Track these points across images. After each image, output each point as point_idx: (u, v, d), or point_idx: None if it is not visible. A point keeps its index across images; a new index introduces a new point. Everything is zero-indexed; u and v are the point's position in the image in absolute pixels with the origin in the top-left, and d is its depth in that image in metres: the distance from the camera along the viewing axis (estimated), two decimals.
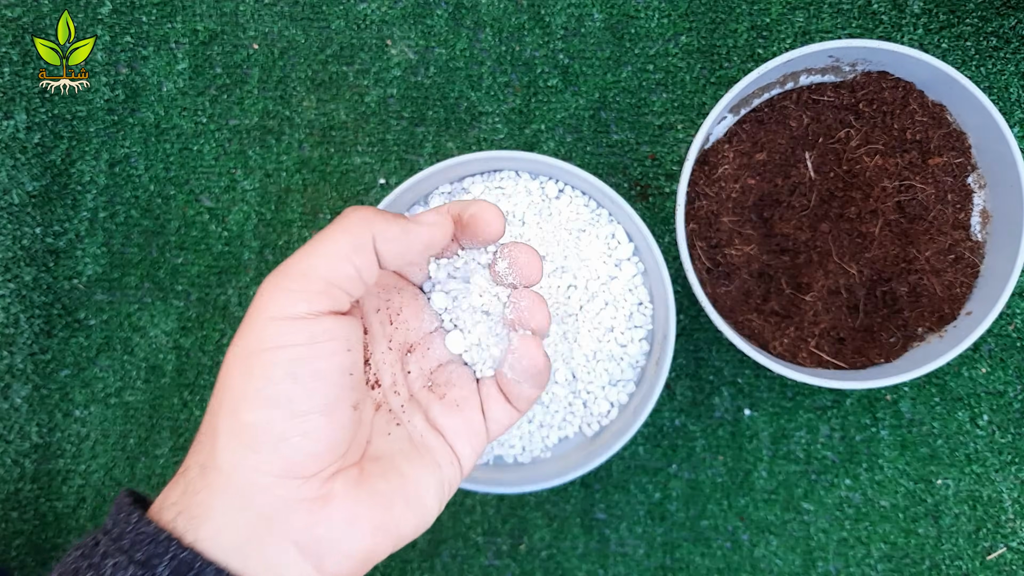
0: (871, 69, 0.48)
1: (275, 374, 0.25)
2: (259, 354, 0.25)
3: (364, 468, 0.28)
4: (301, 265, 0.26)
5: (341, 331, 0.26)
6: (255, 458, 0.25)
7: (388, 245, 0.27)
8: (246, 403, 0.25)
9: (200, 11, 0.54)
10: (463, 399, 0.32)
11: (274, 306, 0.25)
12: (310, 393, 0.25)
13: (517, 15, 0.53)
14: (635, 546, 0.52)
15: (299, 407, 0.25)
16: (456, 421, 0.31)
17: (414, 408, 0.31)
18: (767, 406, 0.52)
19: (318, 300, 0.26)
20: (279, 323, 0.25)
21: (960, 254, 0.48)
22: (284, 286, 0.25)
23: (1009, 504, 0.52)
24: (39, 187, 0.54)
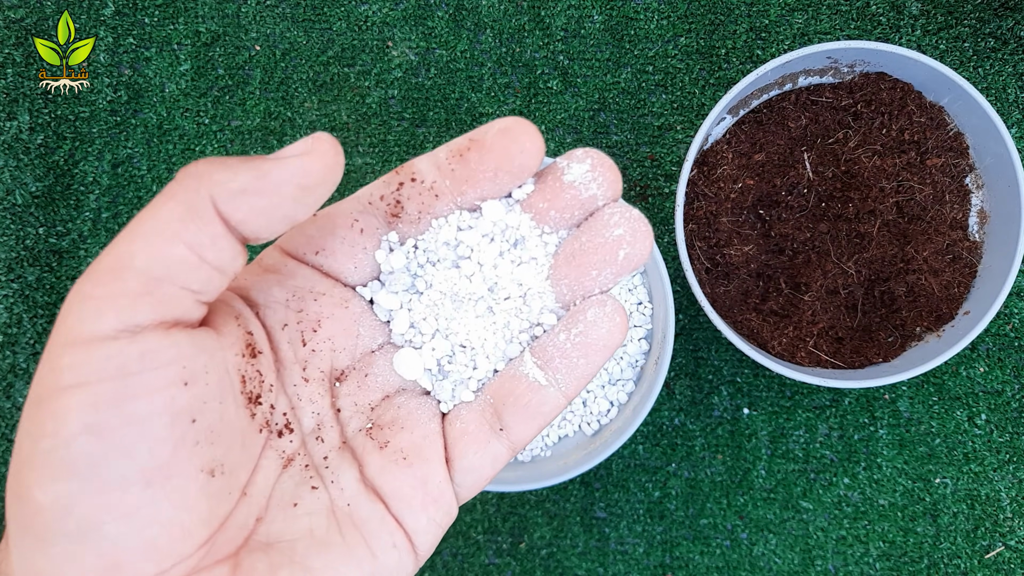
0: (869, 70, 0.48)
1: (70, 426, 0.16)
2: (49, 399, 0.17)
3: (241, 565, 0.19)
4: (107, 258, 0.17)
5: (176, 353, 0.18)
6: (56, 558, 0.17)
7: (237, 202, 0.18)
8: (34, 474, 0.17)
9: (202, 13, 0.54)
10: (414, 448, 0.22)
11: (71, 324, 0.17)
12: (123, 453, 0.17)
13: (517, 17, 0.53)
14: (635, 544, 0.53)
15: (109, 475, 0.17)
16: (403, 482, 0.22)
17: (344, 461, 0.22)
18: (766, 405, 0.53)
19: (136, 306, 0.17)
20: (77, 349, 0.17)
21: (958, 254, 0.48)
22: (85, 292, 0.17)
23: (1007, 503, 0.52)
24: (42, 188, 0.54)
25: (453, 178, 0.22)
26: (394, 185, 0.22)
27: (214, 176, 0.18)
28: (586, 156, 0.22)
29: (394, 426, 0.22)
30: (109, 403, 0.17)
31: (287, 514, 0.21)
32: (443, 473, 0.22)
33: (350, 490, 0.22)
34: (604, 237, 0.22)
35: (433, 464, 0.22)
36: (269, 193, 0.18)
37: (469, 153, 0.22)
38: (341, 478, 0.22)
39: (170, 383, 0.18)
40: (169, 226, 0.17)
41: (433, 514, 0.22)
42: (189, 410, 0.18)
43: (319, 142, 0.19)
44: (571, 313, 0.23)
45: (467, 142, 0.22)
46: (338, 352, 0.23)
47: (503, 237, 0.23)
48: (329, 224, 0.22)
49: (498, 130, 0.21)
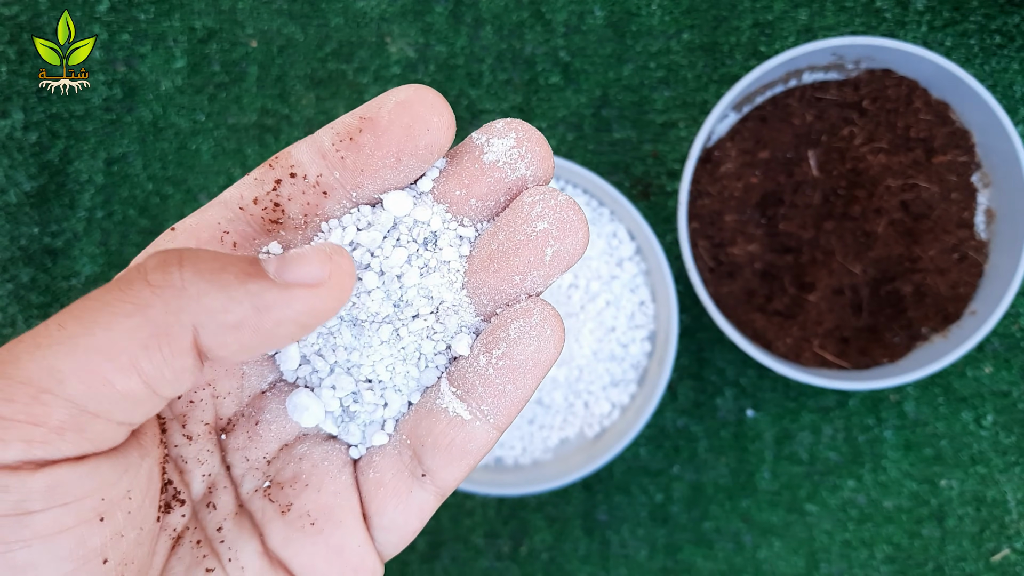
0: (875, 67, 0.47)
1: None
2: None
3: None
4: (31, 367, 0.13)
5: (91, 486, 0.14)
6: None
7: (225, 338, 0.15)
8: None
9: (198, 8, 0.53)
10: (324, 510, 0.18)
11: None
12: None
13: (518, 12, 0.53)
14: (637, 548, 0.52)
15: None
16: (313, 553, 0.18)
17: (242, 531, 0.18)
18: (770, 407, 0.52)
19: (53, 442, 0.14)
20: None
21: (964, 253, 0.47)
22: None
23: (1014, 505, 0.51)
24: (36, 186, 0.53)
25: (344, 168, 0.18)
26: (269, 184, 0.18)
27: (205, 300, 0.14)
28: (508, 129, 0.18)
29: (296, 483, 0.18)
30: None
31: None
32: (361, 535, 0.18)
33: (252, 568, 0.18)
34: (526, 233, 0.18)
35: (348, 527, 0.18)
36: (265, 332, 0.15)
37: (361, 136, 0.17)
38: (240, 554, 0.18)
39: (80, 521, 0.14)
40: (127, 351, 0.14)
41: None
42: (101, 551, 0.14)
43: (339, 267, 0.16)
44: (490, 329, 0.19)
45: (357, 121, 0.17)
46: (221, 398, 0.19)
47: (410, 236, 0.19)
48: (192, 242, 0.18)
49: (395, 104, 0.17)
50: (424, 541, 0.53)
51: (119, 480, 0.15)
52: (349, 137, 0.18)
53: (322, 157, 0.18)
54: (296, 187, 0.18)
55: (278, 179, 0.18)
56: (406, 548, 0.54)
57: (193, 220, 0.18)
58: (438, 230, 0.19)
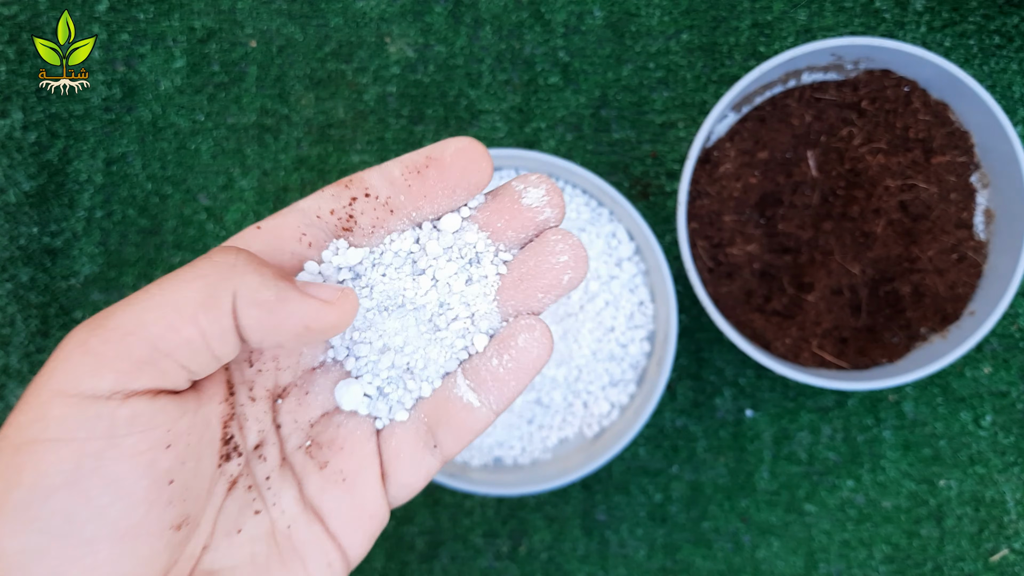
0: (874, 67, 0.47)
1: (50, 480, 0.17)
2: (31, 447, 0.17)
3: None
4: (121, 316, 0.18)
5: (162, 419, 0.18)
6: None
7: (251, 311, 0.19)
8: (5, 522, 0.17)
9: (197, 8, 0.53)
10: (353, 471, 0.23)
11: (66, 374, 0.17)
12: (100, 512, 0.17)
13: (517, 12, 0.53)
14: (636, 548, 0.52)
15: (82, 532, 0.17)
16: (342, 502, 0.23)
17: (284, 481, 0.23)
18: (769, 407, 0.52)
19: (135, 373, 0.18)
20: (68, 402, 0.17)
21: (963, 253, 0.47)
22: (89, 346, 0.17)
23: (1012, 505, 0.51)
24: (35, 186, 0.53)
25: (409, 193, 0.23)
26: (345, 200, 0.23)
27: (246, 278, 0.19)
28: (540, 182, 0.24)
29: (333, 446, 0.23)
30: (92, 462, 0.17)
31: (231, 541, 0.21)
32: (379, 490, 0.23)
33: (290, 512, 0.22)
34: (551, 263, 0.24)
35: (370, 484, 0.23)
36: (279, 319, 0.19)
37: (428, 170, 0.23)
38: (282, 499, 0.22)
39: (153, 446, 0.18)
40: (188, 306, 0.18)
41: (369, 529, 0.23)
42: (168, 472, 0.19)
43: (346, 301, 0.21)
44: (502, 337, 0.24)
45: (424, 159, 0.23)
46: (282, 370, 0.24)
47: (459, 253, 0.24)
48: (275, 239, 0.22)
49: (456, 149, 0.23)
50: (423, 541, 0.53)
51: (181, 418, 0.19)
52: (417, 170, 0.23)
53: (391, 183, 0.23)
54: (368, 204, 0.23)
55: (354, 196, 0.23)
56: (406, 548, 0.54)
57: (275, 222, 0.22)
58: (481, 251, 0.24)
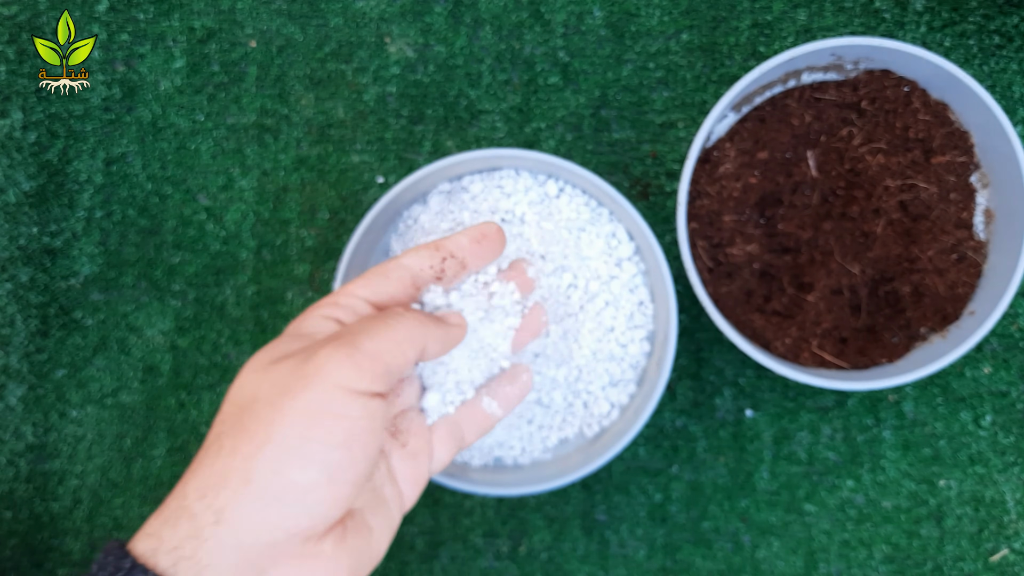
0: (873, 67, 0.48)
1: (334, 439, 0.26)
2: (323, 416, 0.26)
3: (346, 525, 0.28)
4: (372, 346, 0.27)
5: (383, 411, 0.28)
6: (281, 513, 0.25)
7: (434, 347, 0.31)
8: (299, 461, 0.25)
9: (197, 8, 0.53)
10: (419, 449, 0.33)
11: (343, 376, 0.26)
12: (354, 464, 0.26)
13: (517, 12, 0.53)
14: (636, 548, 0.52)
15: (342, 476, 0.26)
16: (410, 471, 0.33)
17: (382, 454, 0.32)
18: (769, 407, 0.52)
19: (378, 381, 0.27)
20: (345, 393, 0.26)
21: (963, 253, 0.47)
22: (357, 361, 0.27)
23: (1012, 505, 0.51)
24: (35, 186, 0.53)
25: (473, 256, 0.35)
26: (438, 259, 0.34)
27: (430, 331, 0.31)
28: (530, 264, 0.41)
29: (408, 433, 0.33)
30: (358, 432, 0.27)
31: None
32: (428, 465, 0.34)
33: (380, 475, 0.32)
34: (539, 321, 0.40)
35: (424, 461, 0.33)
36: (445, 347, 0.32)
37: (484, 240, 0.35)
38: (382, 466, 0.32)
39: (380, 427, 0.28)
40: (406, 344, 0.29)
41: (420, 487, 0.33)
42: (381, 444, 0.29)
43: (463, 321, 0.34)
44: (511, 373, 0.38)
45: (480, 235, 0.35)
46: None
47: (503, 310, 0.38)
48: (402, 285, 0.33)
49: (494, 230, 0.35)
50: (423, 541, 0.53)
51: (387, 414, 0.30)
52: (478, 241, 0.35)
53: (462, 249, 0.34)
54: (453, 263, 0.34)
55: (443, 257, 0.34)
56: (406, 548, 0.54)
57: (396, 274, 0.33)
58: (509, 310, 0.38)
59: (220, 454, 0.26)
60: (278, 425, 0.25)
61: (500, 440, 0.49)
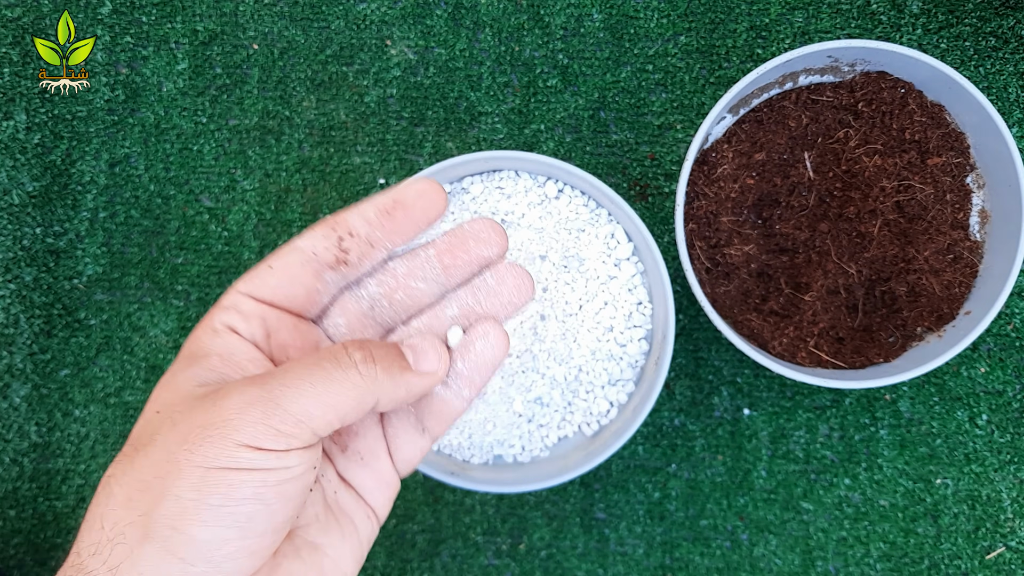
0: (870, 69, 0.48)
1: (241, 494, 0.23)
2: (226, 472, 0.22)
3: (279, 551, 0.25)
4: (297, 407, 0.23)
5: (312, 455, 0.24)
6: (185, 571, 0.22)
7: (390, 405, 0.26)
8: (198, 517, 0.22)
9: (200, 11, 0.54)
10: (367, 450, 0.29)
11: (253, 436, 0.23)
12: (272, 514, 0.23)
13: (516, 15, 0.53)
14: (635, 545, 0.52)
15: (257, 527, 0.23)
16: (364, 476, 0.29)
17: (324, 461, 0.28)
18: (766, 406, 0.53)
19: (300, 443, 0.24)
20: (254, 452, 0.23)
21: (959, 254, 0.48)
22: (274, 424, 0.23)
23: (1008, 503, 0.52)
24: (39, 187, 0.54)
25: (383, 230, 0.28)
26: (334, 239, 0.27)
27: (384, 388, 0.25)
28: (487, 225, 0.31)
29: (350, 432, 0.29)
30: (273, 484, 0.23)
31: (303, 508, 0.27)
32: (389, 463, 0.29)
33: (333, 482, 0.28)
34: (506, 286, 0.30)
35: (382, 459, 0.29)
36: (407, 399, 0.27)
37: (395, 211, 0.28)
38: (327, 473, 0.28)
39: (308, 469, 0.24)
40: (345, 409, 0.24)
41: (389, 493, 0.29)
42: (310, 483, 0.25)
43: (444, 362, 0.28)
44: (463, 343, 0.29)
45: (391, 202, 0.27)
46: None
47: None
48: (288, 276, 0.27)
49: (416, 192, 0.28)
50: (424, 538, 0.53)
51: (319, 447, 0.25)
52: (387, 212, 0.27)
53: (368, 223, 0.28)
54: (354, 242, 0.28)
55: (341, 237, 0.27)
56: (407, 546, 0.54)
57: (281, 261, 0.27)
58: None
59: (110, 504, 0.23)
60: (174, 479, 0.22)
61: (500, 438, 0.49)
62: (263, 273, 0.27)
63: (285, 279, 0.27)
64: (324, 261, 0.27)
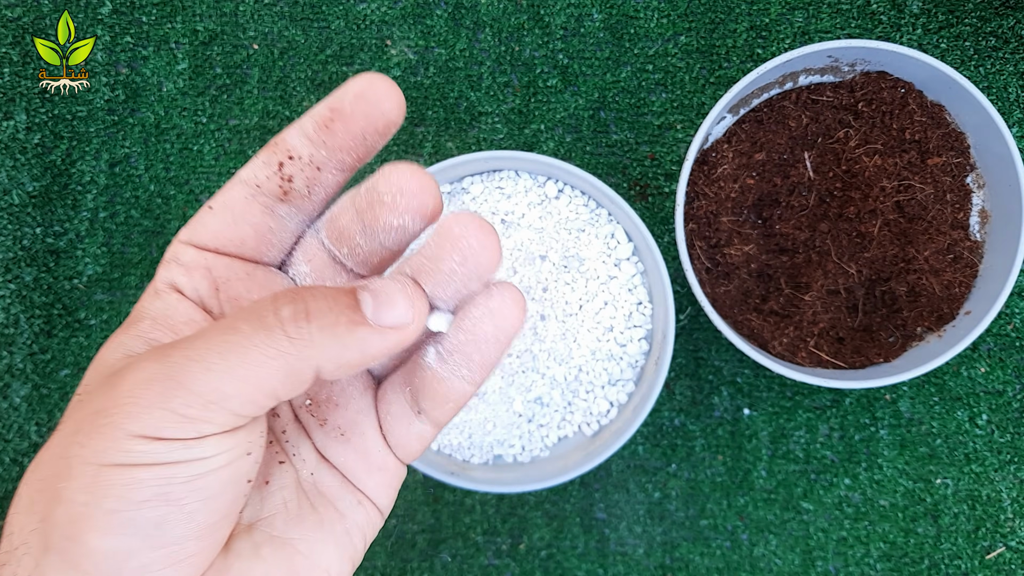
0: (870, 69, 0.48)
1: (140, 495, 0.18)
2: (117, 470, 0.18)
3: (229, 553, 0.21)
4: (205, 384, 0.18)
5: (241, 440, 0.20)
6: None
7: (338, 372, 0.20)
8: (94, 525, 0.18)
9: (200, 11, 0.54)
10: (349, 425, 0.24)
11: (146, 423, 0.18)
12: (190, 516, 0.19)
13: (517, 15, 0.53)
14: (635, 546, 0.52)
15: (173, 534, 0.19)
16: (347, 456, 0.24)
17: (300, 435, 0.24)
18: (766, 406, 0.53)
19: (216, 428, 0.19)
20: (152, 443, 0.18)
21: (959, 254, 0.48)
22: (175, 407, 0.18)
23: (1008, 503, 0.52)
24: (39, 187, 0.54)
25: (326, 148, 0.22)
26: (275, 166, 0.22)
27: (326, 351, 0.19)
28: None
29: (329, 403, 0.24)
30: (182, 479, 0.18)
31: (262, 493, 0.22)
32: (380, 443, 0.24)
33: (310, 460, 0.23)
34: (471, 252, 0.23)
35: (369, 437, 0.24)
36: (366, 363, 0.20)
37: (333, 124, 0.22)
38: (301, 450, 0.24)
39: (237, 456, 0.20)
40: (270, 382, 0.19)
41: (385, 481, 0.24)
42: (247, 473, 0.20)
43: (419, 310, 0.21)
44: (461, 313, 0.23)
45: (328, 112, 0.22)
46: None
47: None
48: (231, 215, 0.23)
49: (354, 96, 0.21)
50: (424, 538, 0.53)
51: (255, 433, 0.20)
52: (324, 125, 0.22)
53: (309, 141, 0.22)
54: (296, 166, 0.22)
55: (280, 162, 0.22)
56: (407, 546, 0.54)
57: (224, 198, 0.23)
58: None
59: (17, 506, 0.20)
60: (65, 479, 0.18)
61: (500, 438, 0.49)
62: (203, 216, 0.23)
63: (229, 219, 0.23)
64: (270, 193, 0.22)
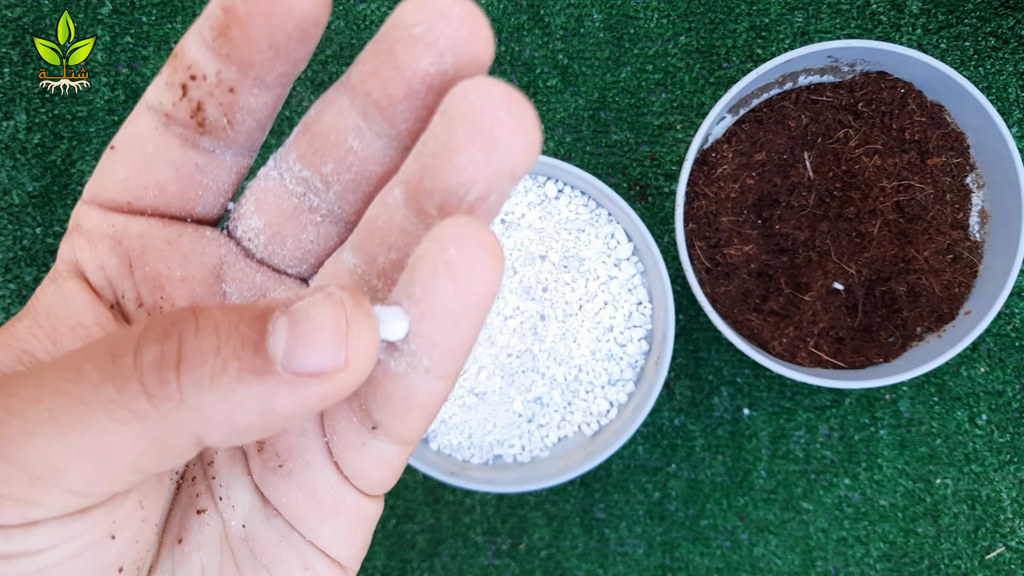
0: (870, 69, 0.48)
1: None
2: None
3: None
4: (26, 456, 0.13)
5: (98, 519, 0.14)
6: None
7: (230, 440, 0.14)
8: None
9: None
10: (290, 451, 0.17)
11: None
12: None
13: (516, 15, 0.53)
14: (634, 545, 0.52)
15: None
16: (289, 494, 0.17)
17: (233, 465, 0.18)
18: (766, 405, 0.53)
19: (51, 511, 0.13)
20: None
21: (959, 254, 0.48)
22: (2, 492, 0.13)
23: (1008, 503, 0.52)
24: (39, 187, 0.54)
25: (234, 62, 0.16)
26: (178, 89, 0.16)
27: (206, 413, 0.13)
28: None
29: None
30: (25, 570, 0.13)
31: (174, 554, 0.17)
32: (333, 476, 0.17)
33: (242, 505, 0.17)
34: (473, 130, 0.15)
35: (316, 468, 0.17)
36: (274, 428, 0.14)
37: (230, 31, 0.15)
38: (232, 489, 0.17)
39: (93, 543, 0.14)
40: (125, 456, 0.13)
41: (339, 524, 0.17)
42: (116, 560, 0.15)
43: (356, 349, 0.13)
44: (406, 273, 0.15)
45: (221, 14, 0.15)
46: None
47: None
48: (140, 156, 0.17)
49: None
50: (424, 538, 0.53)
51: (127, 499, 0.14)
52: (221, 33, 0.15)
53: (212, 52, 0.16)
54: (204, 89, 0.16)
55: (183, 83, 0.16)
56: (407, 546, 0.54)
57: (129, 132, 0.17)
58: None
59: None
60: None
61: (500, 438, 0.49)
62: (107, 161, 0.17)
63: (139, 160, 0.17)
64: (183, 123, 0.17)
